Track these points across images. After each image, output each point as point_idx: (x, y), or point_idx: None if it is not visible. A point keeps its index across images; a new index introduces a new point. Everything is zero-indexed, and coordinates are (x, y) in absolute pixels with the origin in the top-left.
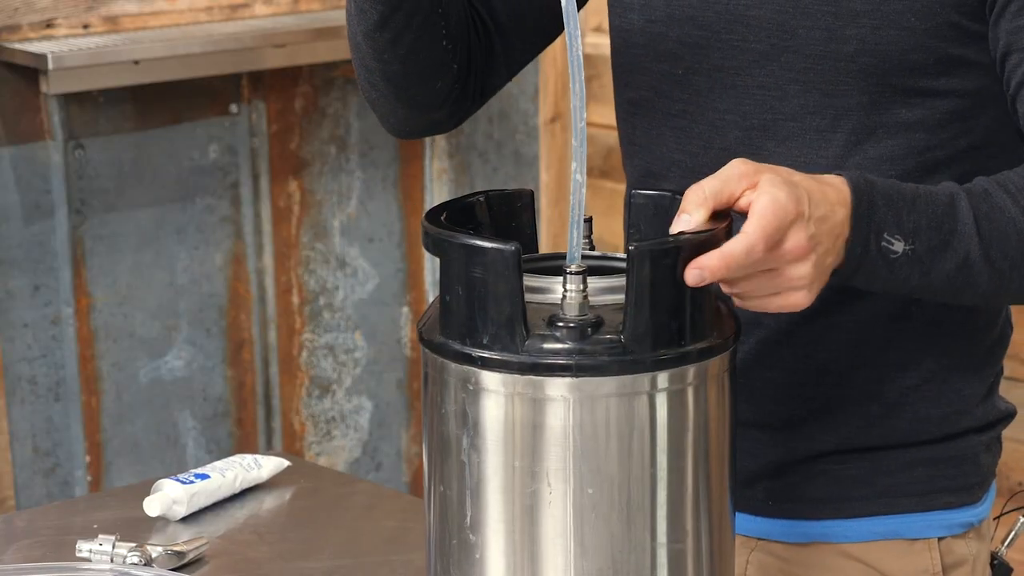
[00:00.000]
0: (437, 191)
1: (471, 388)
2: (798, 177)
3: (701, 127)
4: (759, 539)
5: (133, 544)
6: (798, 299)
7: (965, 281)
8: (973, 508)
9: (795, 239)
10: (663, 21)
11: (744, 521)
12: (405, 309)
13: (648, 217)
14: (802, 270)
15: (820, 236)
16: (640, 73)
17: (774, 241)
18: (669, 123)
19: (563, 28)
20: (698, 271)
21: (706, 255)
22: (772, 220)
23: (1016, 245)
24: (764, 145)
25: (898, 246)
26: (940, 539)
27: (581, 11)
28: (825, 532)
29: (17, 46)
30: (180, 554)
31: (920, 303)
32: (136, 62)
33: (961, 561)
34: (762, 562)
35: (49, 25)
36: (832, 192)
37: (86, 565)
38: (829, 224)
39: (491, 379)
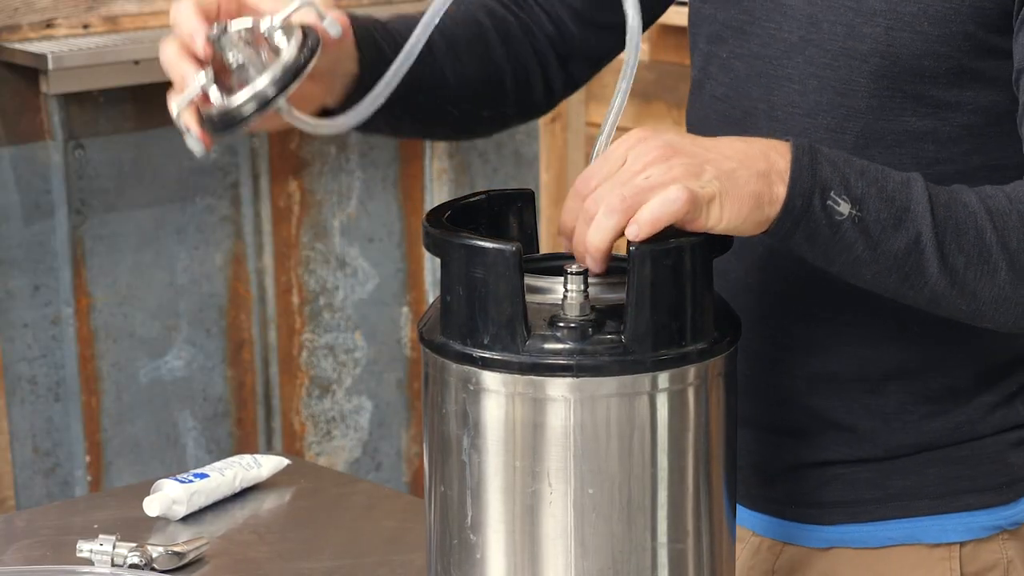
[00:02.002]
0: (437, 191)
1: (472, 388)
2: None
3: (738, 114)
4: (785, 543)
5: (133, 544)
6: (657, 197)
7: (914, 267)
8: (1004, 509)
9: (646, 139)
10: (713, 2)
11: (770, 524)
12: (405, 309)
13: None
14: (655, 170)
15: (697, 149)
16: (696, 53)
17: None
18: (714, 106)
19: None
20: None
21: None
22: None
23: (974, 242)
24: (784, 140)
25: (844, 207)
26: (962, 544)
27: None
28: (842, 538)
29: (17, 46)
30: (180, 554)
31: (922, 321)
32: (136, 62)
33: (991, 566)
34: (788, 567)
35: (49, 25)
36: (761, 143)
37: (87, 568)
38: (727, 148)
39: (492, 379)
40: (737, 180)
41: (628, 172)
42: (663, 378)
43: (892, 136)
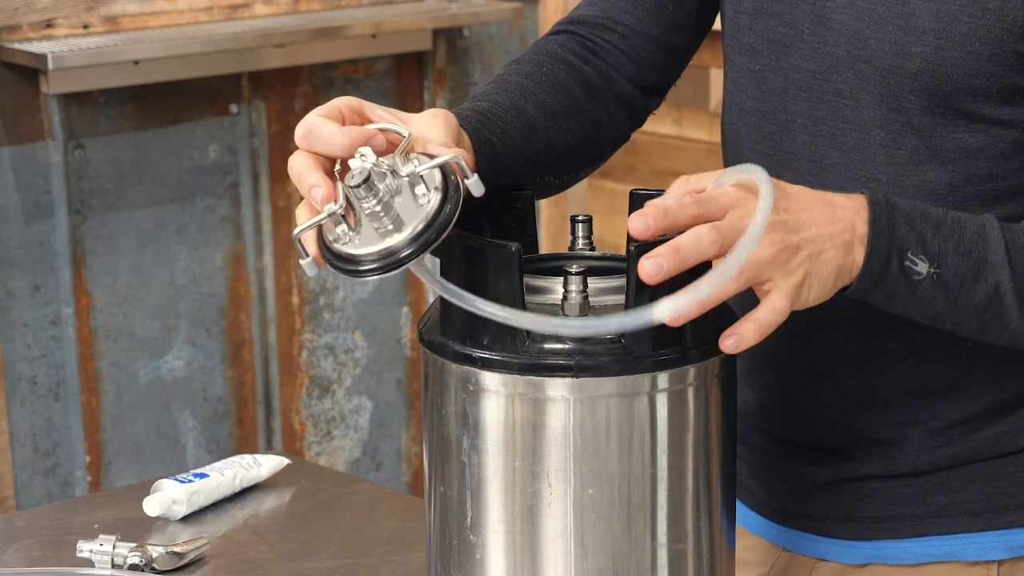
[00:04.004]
0: None
1: (471, 388)
2: (801, 200)
3: (772, 127)
4: (818, 559)
5: (134, 544)
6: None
7: (995, 314)
8: None
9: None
10: (749, 14)
11: (802, 540)
12: (405, 309)
13: None
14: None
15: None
16: (728, 64)
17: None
18: (744, 120)
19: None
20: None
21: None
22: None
23: None
24: (828, 154)
25: (922, 267)
26: (1000, 562)
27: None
28: (879, 554)
29: (17, 46)
30: (180, 554)
31: (976, 341)
32: (136, 62)
33: None
34: None
35: (49, 25)
36: (846, 209)
37: (87, 569)
38: (819, 217)
39: (492, 379)
40: (823, 260)
41: (729, 229)
42: (663, 378)
43: (944, 153)
